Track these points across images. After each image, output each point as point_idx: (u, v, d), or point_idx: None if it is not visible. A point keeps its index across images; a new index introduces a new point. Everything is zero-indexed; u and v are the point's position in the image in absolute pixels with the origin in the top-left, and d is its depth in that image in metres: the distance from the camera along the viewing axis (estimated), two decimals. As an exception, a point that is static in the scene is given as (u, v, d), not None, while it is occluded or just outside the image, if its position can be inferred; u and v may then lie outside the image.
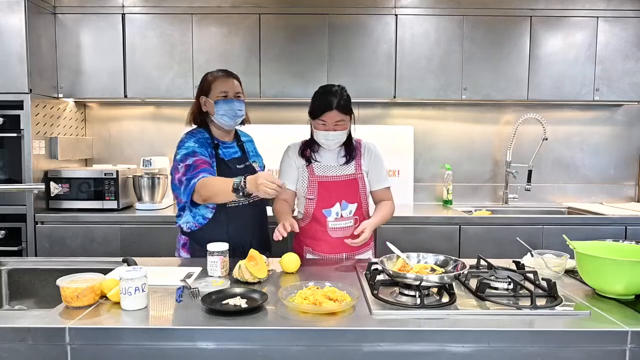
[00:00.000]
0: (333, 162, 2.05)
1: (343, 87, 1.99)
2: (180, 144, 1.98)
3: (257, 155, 2.24)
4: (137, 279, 1.36)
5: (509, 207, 3.59)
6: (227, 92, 2.00)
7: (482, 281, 1.48)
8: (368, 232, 1.88)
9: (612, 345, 1.24)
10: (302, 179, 2.03)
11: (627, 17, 3.28)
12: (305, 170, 2.03)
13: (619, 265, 1.43)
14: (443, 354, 1.24)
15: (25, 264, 1.92)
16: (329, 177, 2.02)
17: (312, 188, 2.00)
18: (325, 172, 2.02)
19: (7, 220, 3.00)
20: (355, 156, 2.06)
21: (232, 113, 2.00)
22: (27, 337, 1.24)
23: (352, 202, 2.03)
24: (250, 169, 2.07)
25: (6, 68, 2.93)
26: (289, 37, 3.27)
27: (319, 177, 2.01)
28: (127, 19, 3.24)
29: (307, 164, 2.03)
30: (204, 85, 2.04)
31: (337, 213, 2.01)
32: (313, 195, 2.00)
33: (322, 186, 2.00)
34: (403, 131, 3.63)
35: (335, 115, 1.93)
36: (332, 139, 1.97)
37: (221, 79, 2.03)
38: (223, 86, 2.01)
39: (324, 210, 2.00)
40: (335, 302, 1.37)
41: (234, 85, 2.04)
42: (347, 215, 2.02)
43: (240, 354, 1.24)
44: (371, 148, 2.12)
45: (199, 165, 1.88)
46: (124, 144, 3.65)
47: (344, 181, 2.02)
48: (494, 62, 3.30)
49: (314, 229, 2.03)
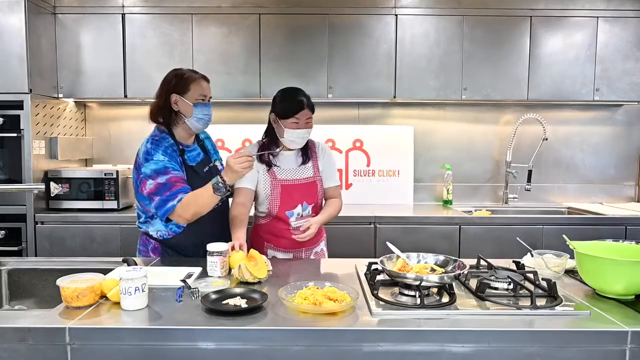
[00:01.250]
0: (292, 164, 2.12)
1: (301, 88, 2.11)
2: (147, 156, 1.86)
3: (216, 152, 2.21)
4: (137, 279, 1.36)
5: (509, 207, 3.59)
6: (205, 95, 1.97)
7: (482, 281, 1.48)
8: (314, 228, 1.98)
9: (612, 345, 1.24)
10: (264, 183, 2.07)
11: (627, 17, 3.28)
12: (266, 174, 2.07)
13: (619, 265, 1.43)
14: (443, 354, 1.24)
15: (25, 264, 1.92)
16: (291, 180, 2.09)
17: (276, 191, 2.06)
18: (287, 175, 2.09)
19: (7, 220, 3.00)
20: (312, 157, 2.15)
21: (208, 118, 1.97)
22: (27, 337, 1.24)
23: (311, 203, 2.12)
24: (214, 170, 2.06)
25: (6, 68, 2.93)
26: (289, 37, 3.27)
27: (281, 181, 2.07)
28: (127, 19, 3.24)
29: (267, 168, 2.08)
30: (180, 84, 1.93)
31: (298, 213, 2.09)
32: (276, 198, 2.06)
33: (285, 189, 2.07)
34: (403, 131, 3.63)
35: (307, 113, 2.03)
36: (303, 136, 2.05)
37: (200, 80, 1.97)
38: (203, 89, 1.96)
39: (286, 211, 2.07)
40: (335, 302, 1.37)
41: (210, 88, 2.02)
42: (307, 215, 2.11)
43: (240, 354, 1.24)
44: (324, 147, 2.23)
45: (174, 184, 1.81)
46: (124, 144, 3.65)
47: (304, 184, 2.11)
48: (494, 62, 3.30)
49: (277, 227, 2.10)
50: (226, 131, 3.51)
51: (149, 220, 1.97)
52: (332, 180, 2.21)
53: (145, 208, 1.94)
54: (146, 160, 1.85)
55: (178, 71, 1.99)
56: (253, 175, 2.04)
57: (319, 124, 3.64)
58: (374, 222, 3.02)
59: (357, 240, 3.02)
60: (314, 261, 2.06)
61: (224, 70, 3.27)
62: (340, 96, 3.32)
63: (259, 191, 2.09)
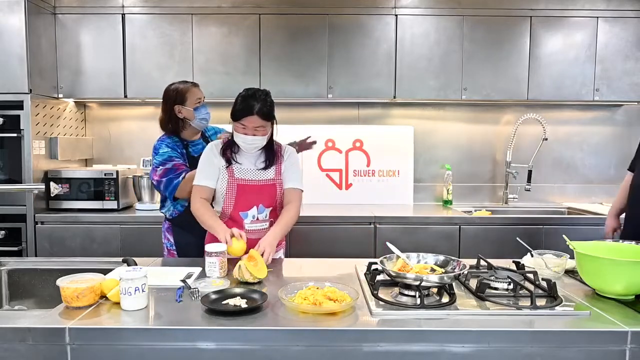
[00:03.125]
0: (252, 165, 2.03)
1: (268, 92, 1.97)
2: (155, 151, 2.24)
3: None
4: (137, 279, 1.36)
5: (509, 207, 3.59)
6: (200, 98, 2.28)
7: (482, 281, 1.48)
8: (268, 251, 1.83)
9: (612, 345, 1.24)
10: (222, 180, 2.01)
11: (627, 17, 3.28)
12: (225, 172, 2.01)
13: (619, 265, 1.43)
14: (443, 354, 1.24)
15: (25, 264, 1.92)
16: (248, 180, 2.01)
17: (231, 190, 2.00)
18: (245, 175, 2.01)
19: (7, 220, 3.00)
20: (276, 162, 2.06)
21: (208, 116, 2.30)
22: (27, 337, 1.24)
23: (269, 206, 2.04)
24: None
25: (6, 68, 2.93)
26: (289, 37, 3.27)
27: (238, 180, 2.00)
28: (127, 19, 3.24)
29: (227, 165, 2.01)
30: (177, 96, 2.25)
31: (253, 216, 2.01)
32: (232, 197, 2.00)
33: (241, 189, 2.00)
34: (403, 131, 3.63)
35: (256, 121, 1.90)
36: (250, 143, 1.95)
37: (193, 88, 2.28)
38: (197, 94, 2.28)
39: (241, 212, 2.01)
40: (335, 302, 1.37)
41: (200, 91, 2.32)
42: (263, 218, 2.04)
43: (240, 354, 1.24)
44: (290, 151, 2.12)
45: (178, 168, 2.18)
46: (124, 144, 3.65)
47: (262, 186, 2.02)
48: (494, 62, 3.30)
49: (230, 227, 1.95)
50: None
51: (164, 204, 2.32)
52: (291, 181, 2.07)
53: (161, 193, 2.28)
54: (155, 154, 2.23)
55: (173, 86, 2.30)
56: (214, 173, 2.01)
57: (319, 124, 3.68)
58: (374, 222, 3.02)
59: (357, 240, 3.02)
60: (314, 261, 2.06)
61: (223, 70, 3.27)
62: (340, 96, 3.32)
63: (216, 188, 2.03)
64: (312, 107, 3.64)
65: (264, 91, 1.96)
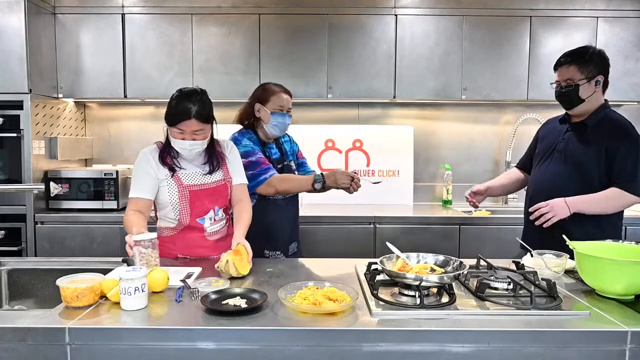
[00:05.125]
0: (197, 168, 1.94)
1: (204, 92, 1.86)
2: (236, 142, 2.17)
3: (293, 155, 2.42)
4: (136, 279, 1.36)
5: (509, 207, 3.59)
6: (283, 106, 2.23)
7: (482, 281, 1.48)
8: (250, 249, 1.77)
9: (612, 345, 1.24)
10: (170, 190, 1.89)
11: (627, 17, 3.28)
12: (171, 181, 1.89)
13: (619, 265, 1.43)
14: (443, 354, 1.24)
15: (25, 264, 1.92)
16: (199, 185, 1.91)
17: (184, 198, 1.89)
18: (194, 180, 1.91)
19: (7, 220, 3.00)
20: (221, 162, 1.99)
21: (283, 126, 2.25)
22: (27, 337, 1.24)
23: (223, 206, 2.00)
24: (287, 168, 2.30)
25: (6, 68, 2.93)
26: (289, 37, 3.27)
27: (189, 187, 1.89)
28: (127, 19, 3.24)
29: (171, 173, 1.89)
30: (263, 95, 2.24)
31: (210, 218, 1.96)
32: (186, 205, 1.90)
33: (194, 195, 1.90)
34: (403, 131, 3.63)
35: (194, 125, 1.80)
36: (189, 148, 1.85)
37: (280, 94, 2.24)
38: (282, 101, 2.23)
39: (198, 219, 1.93)
40: (335, 302, 1.37)
41: (289, 101, 2.26)
42: (220, 218, 1.99)
43: (240, 354, 1.24)
44: (229, 144, 2.06)
45: (263, 162, 2.16)
46: (124, 144, 3.65)
47: (215, 188, 1.94)
48: (494, 62, 3.30)
49: (190, 237, 1.94)
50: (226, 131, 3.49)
51: None
52: (237, 177, 2.01)
53: None
54: (235, 144, 2.13)
55: (265, 84, 2.30)
56: (152, 185, 1.88)
57: (319, 124, 3.67)
58: (373, 222, 3.02)
59: (357, 240, 3.02)
60: (314, 261, 2.06)
61: (223, 70, 3.27)
62: (340, 96, 3.32)
63: (163, 200, 1.91)
64: (312, 107, 3.64)
65: (201, 91, 1.85)
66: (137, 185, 1.89)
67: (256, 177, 2.13)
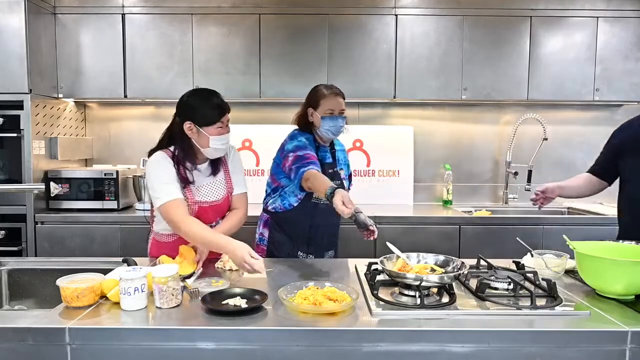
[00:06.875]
0: (205, 178, 1.94)
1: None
2: (292, 136, 2.22)
3: (345, 164, 2.43)
4: (137, 279, 1.36)
5: (509, 207, 3.59)
6: (333, 109, 2.19)
7: (482, 281, 1.48)
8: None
9: (612, 345, 1.24)
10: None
11: (627, 17, 3.28)
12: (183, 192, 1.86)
13: (619, 265, 1.43)
14: (443, 354, 1.24)
15: (25, 264, 1.92)
16: (207, 202, 1.92)
17: (191, 212, 1.87)
18: (205, 197, 1.92)
19: (7, 220, 3.00)
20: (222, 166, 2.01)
21: (335, 129, 2.22)
22: (27, 337, 1.24)
23: (223, 216, 2.04)
24: (337, 175, 2.28)
25: (6, 68, 2.93)
26: (289, 37, 3.27)
27: (200, 203, 1.90)
28: (127, 19, 3.24)
29: (183, 185, 1.86)
30: (313, 99, 2.22)
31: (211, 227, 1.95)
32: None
33: (202, 211, 1.91)
34: (403, 131, 3.63)
35: (228, 116, 1.92)
36: (228, 141, 1.91)
37: (330, 96, 2.20)
38: (332, 104, 2.19)
39: None
40: (335, 302, 1.37)
41: (340, 103, 2.23)
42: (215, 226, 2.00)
43: (240, 354, 1.24)
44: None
45: (309, 157, 2.10)
46: (124, 144, 3.65)
47: (220, 204, 1.97)
48: (494, 62, 3.30)
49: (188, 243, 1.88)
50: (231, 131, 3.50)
51: (272, 194, 2.27)
52: (237, 187, 2.03)
53: (275, 181, 2.24)
54: (290, 139, 2.19)
55: (316, 87, 2.27)
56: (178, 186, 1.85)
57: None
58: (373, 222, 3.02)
59: (357, 240, 3.00)
60: (314, 261, 2.06)
61: (223, 71, 3.27)
62: (340, 96, 3.31)
63: None
64: (312, 107, 3.63)
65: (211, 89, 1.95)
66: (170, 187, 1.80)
67: (298, 169, 2.06)
